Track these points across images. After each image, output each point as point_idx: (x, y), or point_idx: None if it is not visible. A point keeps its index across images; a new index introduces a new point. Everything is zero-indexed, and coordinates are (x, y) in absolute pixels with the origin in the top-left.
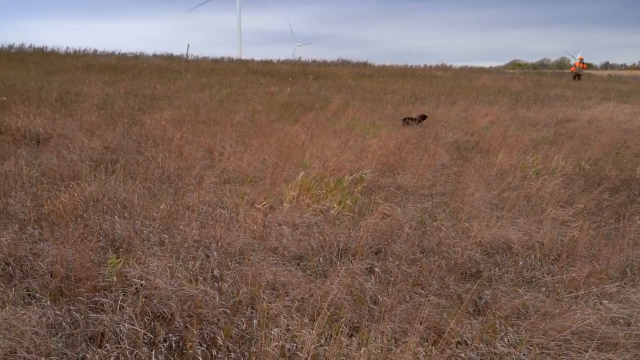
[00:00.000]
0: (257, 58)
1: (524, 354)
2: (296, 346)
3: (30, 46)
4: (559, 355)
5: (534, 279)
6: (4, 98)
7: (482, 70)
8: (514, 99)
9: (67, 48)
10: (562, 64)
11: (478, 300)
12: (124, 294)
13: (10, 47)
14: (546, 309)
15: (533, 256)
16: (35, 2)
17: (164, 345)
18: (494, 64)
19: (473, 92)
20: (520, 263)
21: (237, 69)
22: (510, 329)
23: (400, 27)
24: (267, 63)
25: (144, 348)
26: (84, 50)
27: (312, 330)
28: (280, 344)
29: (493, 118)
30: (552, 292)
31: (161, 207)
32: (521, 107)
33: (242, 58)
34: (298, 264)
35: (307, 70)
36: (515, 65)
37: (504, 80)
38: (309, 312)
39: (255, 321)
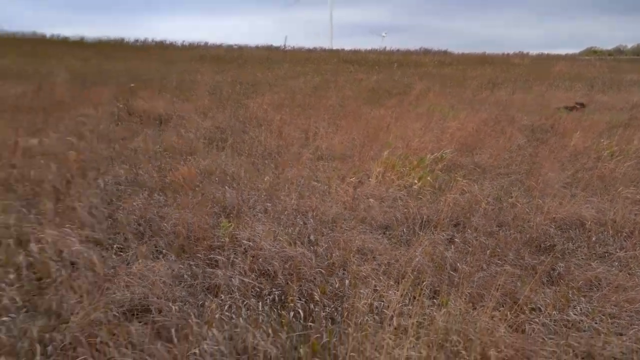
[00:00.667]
0: (347, 48)
1: (596, 323)
2: (383, 304)
3: (153, 40)
4: (630, 325)
5: (606, 254)
6: (132, 85)
7: (558, 57)
8: (590, 84)
9: (183, 41)
10: (638, 51)
11: (552, 272)
12: (234, 253)
13: (136, 41)
14: (618, 282)
15: (606, 232)
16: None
17: (269, 298)
18: (570, 51)
19: (549, 78)
20: (593, 238)
21: (329, 58)
22: (583, 299)
23: (484, 18)
24: (356, 52)
25: (252, 299)
26: (197, 43)
27: (397, 291)
28: (369, 302)
29: (570, 103)
30: (624, 267)
31: (265, 179)
32: (597, 92)
33: (333, 48)
34: (384, 233)
35: (392, 59)
36: (591, 52)
37: (580, 66)
38: (394, 275)
39: (346, 281)
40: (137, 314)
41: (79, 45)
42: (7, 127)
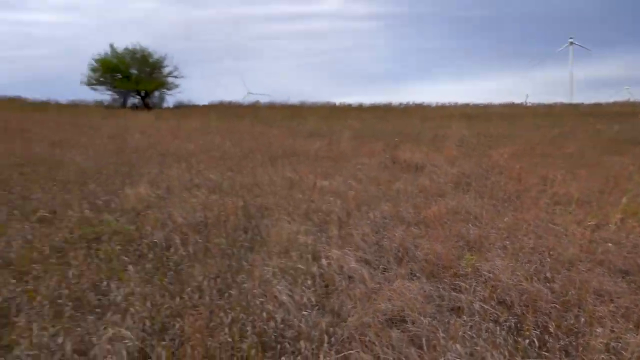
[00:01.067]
0: (587, 102)
1: None
2: (620, 345)
3: (413, 103)
4: None
5: None
6: (396, 139)
7: None
8: None
9: (437, 103)
10: None
11: None
12: (476, 282)
13: (400, 104)
14: None
15: None
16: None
17: (505, 324)
18: None
19: None
20: None
21: (568, 112)
22: None
23: None
24: (596, 105)
25: (490, 323)
26: (448, 104)
27: (637, 335)
28: (605, 341)
29: None
30: None
31: (504, 220)
32: None
33: (573, 102)
34: (623, 277)
35: (636, 109)
36: None
37: None
38: (634, 320)
39: (582, 319)
40: (396, 323)
41: (358, 109)
42: (309, 171)
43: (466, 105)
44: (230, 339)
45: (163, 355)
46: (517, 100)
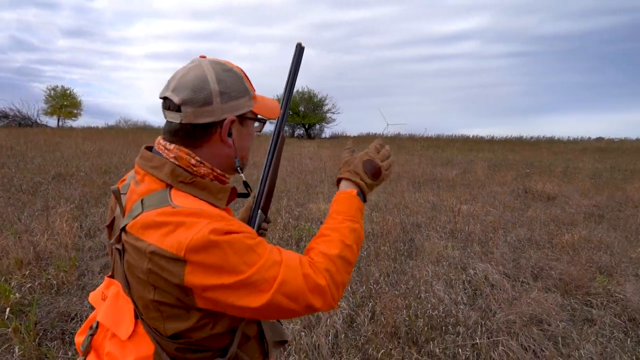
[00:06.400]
0: None
1: None
2: None
3: (543, 137)
4: None
5: None
6: (527, 170)
7: None
8: None
9: (569, 137)
10: None
11: None
12: (607, 300)
13: (531, 138)
14: None
15: None
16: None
17: (635, 336)
18: None
19: None
20: None
21: None
22: None
23: None
24: None
25: (620, 334)
26: (581, 138)
27: None
28: None
29: None
30: None
31: (637, 250)
32: None
33: None
34: None
35: None
36: None
37: None
38: None
39: None
40: (535, 323)
41: (490, 141)
42: (450, 196)
43: (600, 139)
44: (407, 318)
45: (365, 321)
46: None
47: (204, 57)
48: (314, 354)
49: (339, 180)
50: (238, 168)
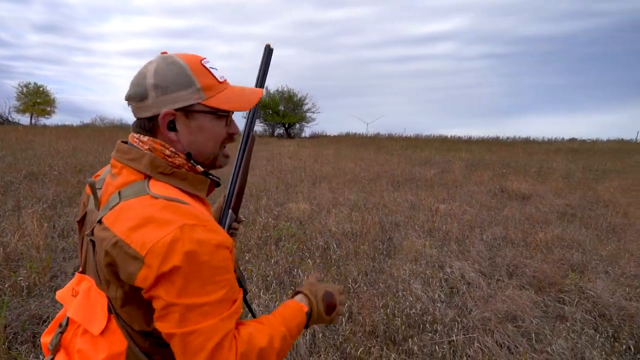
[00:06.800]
0: None
1: None
2: None
3: (519, 137)
4: None
5: None
6: (503, 170)
7: None
8: None
9: (543, 137)
10: None
11: None
12: (579, 297)
13: (507, 138)
14: None
15: None
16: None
17: (604, 332)
18: None
19: None
20: None
21: None
22: None
23: None
24: None
25: (591, 330)
26: (555, 139)
27: None
28: None
29: None
30: None
31: (607, 248)
32: None
33: None
34: None
35: None
36: None
37: None
38: None
39: None
40: (510, 319)
41: (467, 142)
42: (429, 196)
43: (573, 140)
44: (385, 317)
45: (343, 320)
46: (627, 136)
47: (164, 53)
48: (292, 354)
49: (297, 292)
50: (192, 162)
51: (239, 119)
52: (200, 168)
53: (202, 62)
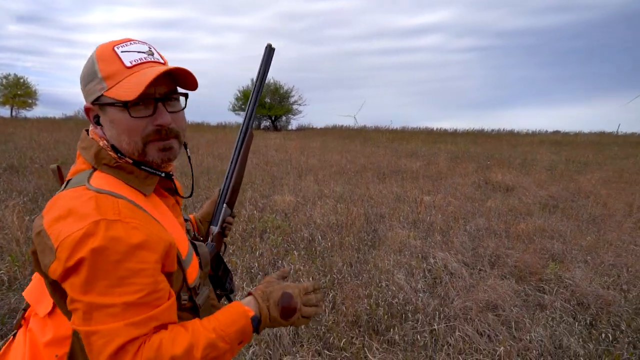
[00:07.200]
0: None
1: None
2: None
3: (504, 129)
4: None
5: None
6: (488, 162)
7: None
8: None
9: (527, 130)
10: None
11: None
12: (558, 286)
13: (492, 130)
14: None
15: None
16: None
17: (582, 320)
18: None
19: None
20: None
21: None
22: None
23: None
24: None
25: (570, 318)
26: (538, 131)
27: None
28: None
29: None
30: None
31: (587, 238)
32: None
33: None
34: None
35: None
36: None
37: None
38: None
39: None
40: (491, 309)
41: (453, 134)
42: (414, 188)
43: (556, 133)
44: (368, 307)
45: (326, 311)
46: (608, 129)
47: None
48: (275, 345)
49: (249, 294)
50: (121, 156)
51: (230, 113)
52: (128, 161)
53: (116, 47)
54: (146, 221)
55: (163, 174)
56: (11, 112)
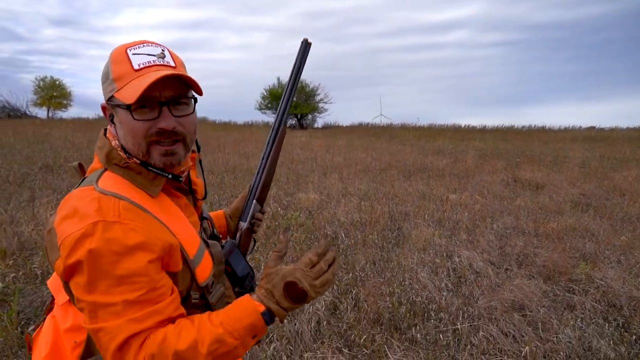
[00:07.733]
0: None
1: None
2: None
3: (535, 126)
4: None
5: None
6: (518, 159)
7: None
8: None
9: (560, 126)
10: None
11: None
12: (588, 287)
13: (523, 127)
14: None
15: None
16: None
17: (614, 322)
18: None
19: None
20: None
21: None
22: None
23: None
24: None
25: (600, 319)
26: (572, 127)
27: None
28: None
29: None
30: None
31: (621, 238)
32: None
33: None
34: None
35: None
36: None
37: None
38: None
39: None
40: (517, 309)
41: (481, 131)
42: (440, 186)
43: (591, 129)
44: (390, 305)
45: (348, 308)
46: None
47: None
48: (296, 341)
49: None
50: (128, 156)
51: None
52: (136, 161)
53: (128, 49)
54: (147, 222)
55: (170, 175)
56: (48, 113)
